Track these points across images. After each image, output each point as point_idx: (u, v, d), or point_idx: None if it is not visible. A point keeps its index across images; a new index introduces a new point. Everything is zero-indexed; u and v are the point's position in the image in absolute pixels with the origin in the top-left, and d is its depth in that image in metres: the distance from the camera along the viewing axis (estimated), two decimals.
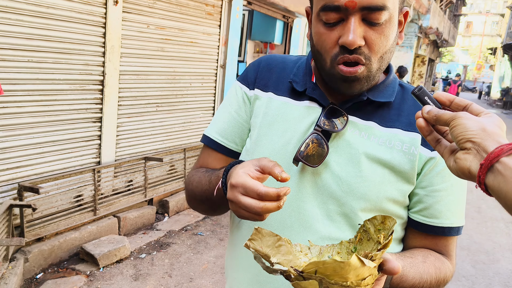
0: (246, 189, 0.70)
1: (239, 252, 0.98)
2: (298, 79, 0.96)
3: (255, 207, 0.69)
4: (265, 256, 0.69)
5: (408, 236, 0.96)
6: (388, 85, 0.93)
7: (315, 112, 0.92)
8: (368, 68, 0.83)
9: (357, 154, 0.88)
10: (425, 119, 0.67)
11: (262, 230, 0.70)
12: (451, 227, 0.92)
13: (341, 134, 0.89)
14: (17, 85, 3.06)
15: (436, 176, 0.89)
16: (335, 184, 0.87)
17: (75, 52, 3.43)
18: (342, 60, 0.82)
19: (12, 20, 2.95)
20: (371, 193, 0.87)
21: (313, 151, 0.87)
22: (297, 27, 7.16)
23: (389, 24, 0.82)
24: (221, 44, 5.21)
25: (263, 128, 0.96)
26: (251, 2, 5.62)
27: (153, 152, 4.45)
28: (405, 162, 0.88)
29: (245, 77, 1.04)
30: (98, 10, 3.56)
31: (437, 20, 18.62)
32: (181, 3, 4.45)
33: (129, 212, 4.05)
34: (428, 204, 0.90)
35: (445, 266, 0.92)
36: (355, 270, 0.59)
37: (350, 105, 0.91)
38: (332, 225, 0.88)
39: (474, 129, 0.58)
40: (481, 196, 6.46)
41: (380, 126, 0.90)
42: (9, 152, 3.10)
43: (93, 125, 3.73)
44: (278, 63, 1.02)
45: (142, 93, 4.22)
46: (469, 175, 0.59)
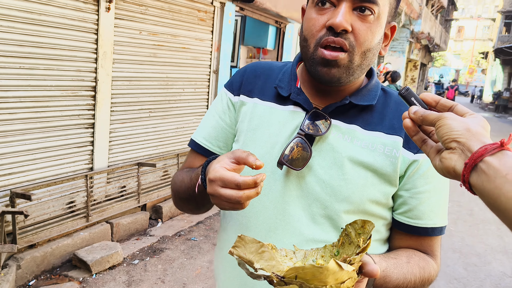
0: (224, 181, 0.72)
1: (226, 255, 0.99)
2: (283, 84, 0.98)
3: (235, 197, 0.72)
4: (249, 262, 0.70)
5: (393, 237, 0.98)
6: (370, 89, 0.96)
7: (299, 116, 0.94)
8: (350, 57, 0.85)
9: (340, 157, 0.90)
10: (411, 119, 0.68)
11: (245, 238, 0.72)
12: (435, 227, 0.94)
13: (324, 138, 0.91)
14: (8, 91, 3.06)
15: (419, 178, 0.91)
16: (319, 187, 0.89)
17: (67, 59, 3.44)
18: (326, 41, 0.83)
19: (3, 27, 2.96)
20: (354, 196, 0.89)
21: (298, 155, 0.89)
22: (289, 32, 7.21)
23: (376, 23, 0.85)
24: (214, 49, 5.24)
25: (249, 133, 0.98)
26: (244, 8, 5.65)
27: (146, 158, 4.45)
28: (387, 164, 0.90)
29: (230, 83, 1.06)
30: (90, 16, 3.57)
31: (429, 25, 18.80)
32: (173, 9, 4.48)
33: (122, 218, 4.04)
34: (412, 205, 0.92)
35: (429, 265, 0.94)
36: (333, 274, 0.61)
37: (333, 109, 0.93)
38: (317, 228, 0.90)
39: (459, 129, 0.60)
40: (473, 199, 6.51)
41: (362, 130, 0.92)
42: (1, 159, 3.09)
43: (85, 131, 3.74)
44: (264, 69, 1.05)
45: (135, 99, 4.23)
46: (454, 174, 0.61)
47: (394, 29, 0.94)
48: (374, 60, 0.92)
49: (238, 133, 1.01)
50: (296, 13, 6.62)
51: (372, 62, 0.91)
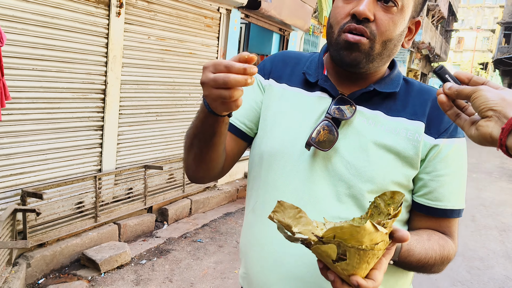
0: (215, 65, 0.73)
1: (255, 232, 1.04)
2: (311, 71, 1.05)
3: (223, 77, 0.71)
4: (287, 227, 0.75)
5: (413, 219, 1.03)
6: (393, 78, 1.02)
7: (326, 102, 1.00)
8: (371, 44, 0.91)
9: (364, 140, 0.95)
10: (446, 94, 0.74)
11: (284, 203, 0.77)
12: (453, 209, 0.99)
13: (349, 122, 0.97)
14: (21, 92, 3.13)
15: (440, 162, 0.97)
16: (344, 168, 0.95)
17: (78, 62, 3.51)
18: (348, 28, 0.90)
19: (18, 30, 3.03)
20: (377, 177, 0.94)
21: (324, 137, 0.95)
22: (293, 39, 7.30)
23: (399, 15, 0.91)
24: (220, 55, 5.32)
25: (276, 117, 1.03)
26: (249, 15, 5.75)
27: (153, 161, 4.51)
28: (409, 148, 0.95)
29: (262, 67, 1.12)
30: (101, 21, 3.65)
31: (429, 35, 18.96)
32: (180, 15, 4.57)
33: (129, 220, 4.09)
34: (432, 188, 0.97)
35: (448, 244, 0.99)
36: (369, 234, 0.66)
37: (358, 95, 0.99)
38: (342, 206, 0.95)
39: (495, 99, 0.66)
40: (474, 205, 6.56)
41: (386, 115, 0.98)
42: (13, 158, 3.15)
43: (94, 133, 3.80)
44: (293, 58, 1.11)
45: (143, 102, 4.30)
46: (490, 140, 0.66)
47: (418, 24, 1.00)
48: (396, 51, 0.98)
49: (263, 116, 1.06)
50: (299, 21, 6.72)
51: (394, 53, 0.97)
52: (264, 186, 1.03)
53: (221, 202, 5.40)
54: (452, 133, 0.97)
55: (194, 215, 4.87)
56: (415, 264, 0.92)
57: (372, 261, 0.70)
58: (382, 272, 0.73)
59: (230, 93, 0.72)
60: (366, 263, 0.69)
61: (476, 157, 11.69)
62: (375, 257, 0.70)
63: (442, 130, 0.97)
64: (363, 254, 0.67)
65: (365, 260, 0.68)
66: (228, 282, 3.40)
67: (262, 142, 1.04)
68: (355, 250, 0.67)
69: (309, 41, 8.31)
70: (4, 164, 3.10)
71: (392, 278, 1.00)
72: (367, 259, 0.68)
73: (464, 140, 1.00)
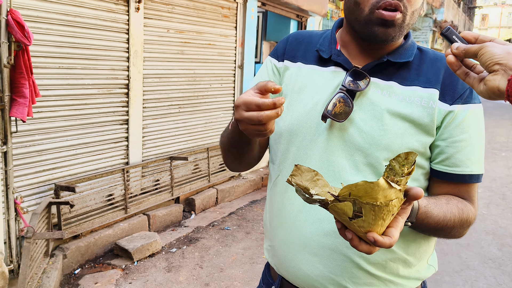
0: (247, 104, 0.80)
1: (277, 205, 1.09)
2: (324, 48, 1.08)
3: (257, 116, 0.78)
4: (305, 189, 0.79)
5: (433, 186, 1.05)
6: (407, 48, 1.03)
7: (340, 75, 1.03)
8: (403, 17, 0.94)
9: (379, 110, 0.98)
10: (454, 54, 0.76)
11: (301, 167, 0.80)
12: (471, 174, 1.00)
13: (364, 93, 1.00)
14: (50, 90, 3.24)
15: (456, 128, 0.98)
16: (360, 138, 0.97)
17: (101, 58, 3.61)
18: (384, 4, 0.92)
19: (43, 29, 3.14)
20: (393, 144, 0.96)
21: (340, 109, 0.98)
22: (311, 25, 7.26)
23: None
24: (238, 45, 5.35)
25: (294, 94, 1.07)
26: (265, 3, 5.74)
27: (177, 152, 4.60)
28: (424, 115, 0.97)
29: (275, 51, 1.16)
30: (121, 17, 3.73)
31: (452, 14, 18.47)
32: (198, 7, 4.61)
33: (158, 210, 4.19)
34: (449, 154, 0.99)
35: (467, 208, 1.00)
36: (383, 191, 0.68)
37: (372, 67, 1.01)
38: (359, 175, 0.98)
39: (500, 53, 0.68)
40: (505, 184, 6.43)
41: (400, 85, 1.00)
42: (45, 154, 3.28)
43: (120, 127, 3.90)
44: (306, 36, 1.14)
45: (165, 95, 4.38)
46: (498, 93, 0.68)
47: None
48: (417, 18, 1.00)
49: (284, 95, 1.10)
50: (316, 6, 6.67)
51: (415, 20, 1.00)
52: (285, 160, 1.07)
53: (246, 190, 5.46)
54: (467, 99, 0.98)
55: (221, 204, 4.95)
56: (433, 226, 0.93)
57: (387, 218, 0.73)
58: (398, 230, 0.76)
59: (265, 127, 0.81)
60: (381, 219, 0.71)
61: (506, 135, 11.40)
62: (390, 213, 0.72)
63: (457, 97, 0.98)
64: (378, 210, 0.70)
65: (380, 217, 0.71)
66: (257, 267, 3.46)
67: (281, 119, 1.08)
68: (370, 207, 0.69)
69: (327, 26, 8.23)
70: (37, 160, 3.23)
71: (414, 244, 1.02)
72: (382, 216, 0.71)
73: (480, 106, 1.01)
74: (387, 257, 0.99)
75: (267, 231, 1.15)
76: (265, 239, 1.17)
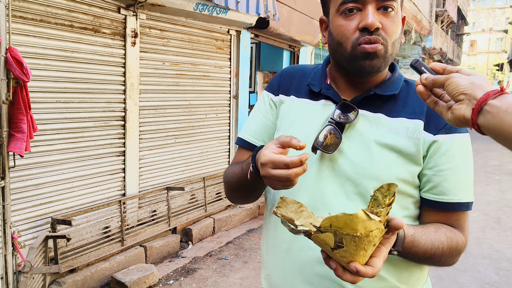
0: (274, 163, 0.85)
1: (272, 234, 1.12)
2: (315, 82, 1.13)
3: (285, 175, 0.84)
4: (290, 220, 0.83)
5: (423, 214, 1.08)
6: (393, 81, 1.09)
7: (330, 108, 1.08)
8: (385, 48, 0.99)
9: (367, 141, 1.02)
10: (423, 85, 0.81)
11: (286, 199, 0.85)
12: (460, 202, 1.03)
13: (353, 125, 1.04)
14: (47, 124, 3.29)
15: (441, 157, 1.02)
16: (350, 168, 1.02)
17: (98, 91, 3.67)
18: (363, 40, 0.97)
19: (41, 65, 3.21)
20: (382, 174, 1.00)
21: (331, 141, 1.02)
22: (303, 55, 7.42)
23: (397, 16, 1.00)
24: (233, 76, 5.46)
25: (287, 127, 1.12)
26: (258, 35, 5.89)
27: (174, 182, 4.62)
28: (410, 145, 1.01)
29: (270, 86, 1.23)
30: (117, 51, 3.82)
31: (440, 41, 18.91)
32: (193, 40, 4.73)
33: (155, 241, 4.18)
34: (436, 182, 1.02)
35: (456, 236, 1.03)
36: (362, 222, 0.72)
37: (360, 100, 1.06)
38: (350, 204, 1.01)
39: (465, 83, 0.73)
40: (499, 207, 6.46)
41: (387, 117, 1.05)
42: (42, 188, 3.29)
43: (117, 158, 3.93)
44: (298, 71, 1.21)
45: (161, 126, 4.44)
46: (464, 121, 0.73)
47: (404, 19, 1.08)
48: (398, 48, 1.06)
49: (277, 128, 1.16)
50: (308, 36, 6.84)
51: (397, 50, 1.05)
52: (279, 191, 1.11)
53: (243, 219, 5.45)
54: (451, 129, 1.02)
55: (218, 233, 4.93)
56: (422, 254, 0.96)
57: (369, 248, 0.76)
58: (381, 259, 0.79)
59: (292, 183, 0.86)
60: (363, 249, 0.75)
61: (498, 159, 11.50)
62: (371, 244, 0.75)
63: (441, 127, 1.02)
64: (359, 241, 0.73)
65: (362, 247, 0.74)
66: None
67: None
68: (350, 237, 0.73)
69: (319, 55, 8.42)
70: (34, 194, 3.24)
71: (406, 272, 1.04)
72: (363, 246, 0.74)
73: (467, 135, 1.05)
74: (380, 286, 1.01)
75: (264, 259, 1.18)
76: (262, 267, 1.20)
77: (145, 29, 4.14)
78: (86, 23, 3.52)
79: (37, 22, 3.15)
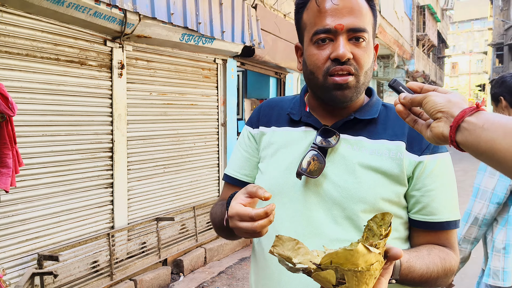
0: (240, 216, 0.86)
1: (261, 265, 1.10)
2: (294, 111, 1.15)
3: (251, 227, 0.85)
4: (288, 259, 0.80)
5: (413, 236, 1.08)
6: (372, 106, 1.11)
7: (311, 134, 1.09)
8: (356, 79, 1.01)
9: (351, 164, 1.03)
10: (402, 104, 0.82)
11: (282, 237, 0.83)
12: (449, 221, 1.04)
13: (335, 150, 1.05)
14: (33, 158, 3.24)
15: (427, 177, 1.03)
16: (335, 192, 1.02)
17: (85, 123, 3.65)
18: (334, 71, 0.99)
19: (27, 99, 3.19)
20: (368, 196, 1.00)
21: (315, 167, 1.03)
22: (289, 81, 7.51)
23: (368, 46, 1.02)
24: (220, 104, 5.49)
25: (270, 156, 1.13)
26: (244, 63, 5.96)
27: (164, 213, 4.55)
28: (394, 166, 1.02)
29: (250, 120, 1.25)
30: (104, 83, 3.83)
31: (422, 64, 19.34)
32: (179, 70, 4.76)
33: (145, 274, 4.08)
34: (424, 203, 1.03)
35: (449, 256, 1.03)
36: (363, 256, 0.71)
37: (341, 125, 1.07)
38: (338, 228, 1.01)
39: (442, 101, 0.74)
40: None
41: (368, 139, 1.06)
42: (28, 224, 3.22)
43: (105, 191, 3.88)
44: (277, 102, 1.23)
45: (150, 156, 4.41)
46: (443, 138, 0.74)
47: (377, 47, 1.11)
48: (371, 76, 1.08)
49: (261, 159, 1.17)
50: (293, 63, 6.94)
51: (370, 77, 1.07)
52: None
53: (235, 248, 5.38)
54: (434, 149, 1.04)
55: (210, 263, 4.84)
56: (418, 280, 0.95)
57: (370, 282, 0.74)
58: None
59: (259, 234, 0.87)
60: (364, 284, 0.73)
61: None
62: (372, 277, 0.74)
63: (424, 147, 1.03)
64: (360, 276, 0.72)
65: (363, 281, 0.73)
66: None
67: (259, 182, 1.12)
68: (352, 273, 0.72)
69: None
70: (20, 230, 3.16)
71: None
72: (365, 280, 0.73)
73: (447, 154, 1.07)
74: None
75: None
76: None
77: (132, 60, 4.16)
78: (72, 56, 3.53)
79: (23, 57, 3.15)
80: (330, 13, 0.99)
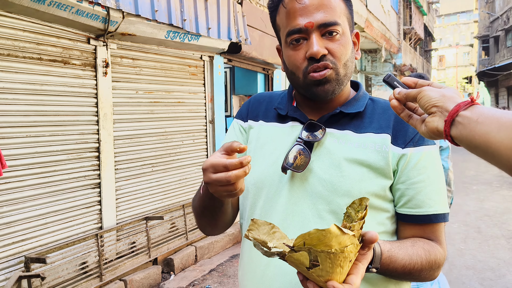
0: (214, 166, 0.82)
1: (247, 259, 1.09)
2: (282, 106, 1.15)
3: (225, 177, 0.80)
4: (263, 243, 0.79)
5: (400, 229, 1.07)
6: (358, 99, 1.10)
7: (298, 129, 1.08)
8: (335, 72, 1.00)
9: (336, 158, 1.02)
10: (397, 99, 0.82)
11: (257, 221, 0.81)
12: (436, 214, 1.03)
13: (321, 144, 1.04)
14: (17, 160, 3.19)
15: (412, 170, 1.02)
16: (320, 186, 1.01)
17: (70, 123, 3.60)
18: (312, 69, 0.99)
19: (9, 100, 3.13)
20: (353, 190, 0.99)
21: (301, 161, 1.02)
22: (277, 77, 7.50)
23: (344, 38, 1.01)
24: (208, 101, 5.45)
25: (257, 150, 1.12)
26: (231, 59, 5.93)
27: (153, 212, 4.52)
28: (379, 159, 1.01)
29: (240, 113, 1.24)
30: (89, 82, 3.78)
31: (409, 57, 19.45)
32: (165, 68, 4.72)
33: (135, 274, 4.05)
34: (410, 196, 1.02)
35: (434, 249, 1.02)
36: (336, 237, 0.70)
37: (327, 119, 1.07)
38: (323, 223, 1.00)
39: (436, 96, 0.74)
40: (479, 217, 6.54)
41: (354, 133, 1.05)
42: (13, 226, 3.17)
43: (92, 191, 3.83)
44: (266, 97, 1.22)
45: (137, 155, 4.37)
46: (438, 133, 0.74)
47: (358, 35, 1.11)
48: (353, 67, 1.08)
49: (247, 152, 1.15)
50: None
51: (353, 68, 1.07)
52: (252, 214, 1.09)
53: (226, 245, 5.36)
54: (418, 141, 1.03)
55: (200, 261, 4.83)
56: (400, 270, 0.94)
57: (345, 265, 0.73)
58: (359, 276, 0.77)
59: (234, 186, 0.82)
60: (339, 266, 0.72)
61: (475, 169, 11.74)
62: (347, 260, 0.73)
63: (408, 140, 1.03)
64: (334, 258, 0.71)
65: (338, 264, 0.72)
66: None
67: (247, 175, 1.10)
68: (325, 254, 0.70)
69: None
70: (5, 232, 3.11)
71: None
72: (339, 263, 0.72)
73: (434, 147, 1.06)
74: None
75: (241, 284, 1.14)
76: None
77: (117, 58, 4.11)
78: (55, 55, 3.47)
79: (4, 57, 3.10)
80: (299, 12, 0.99)
